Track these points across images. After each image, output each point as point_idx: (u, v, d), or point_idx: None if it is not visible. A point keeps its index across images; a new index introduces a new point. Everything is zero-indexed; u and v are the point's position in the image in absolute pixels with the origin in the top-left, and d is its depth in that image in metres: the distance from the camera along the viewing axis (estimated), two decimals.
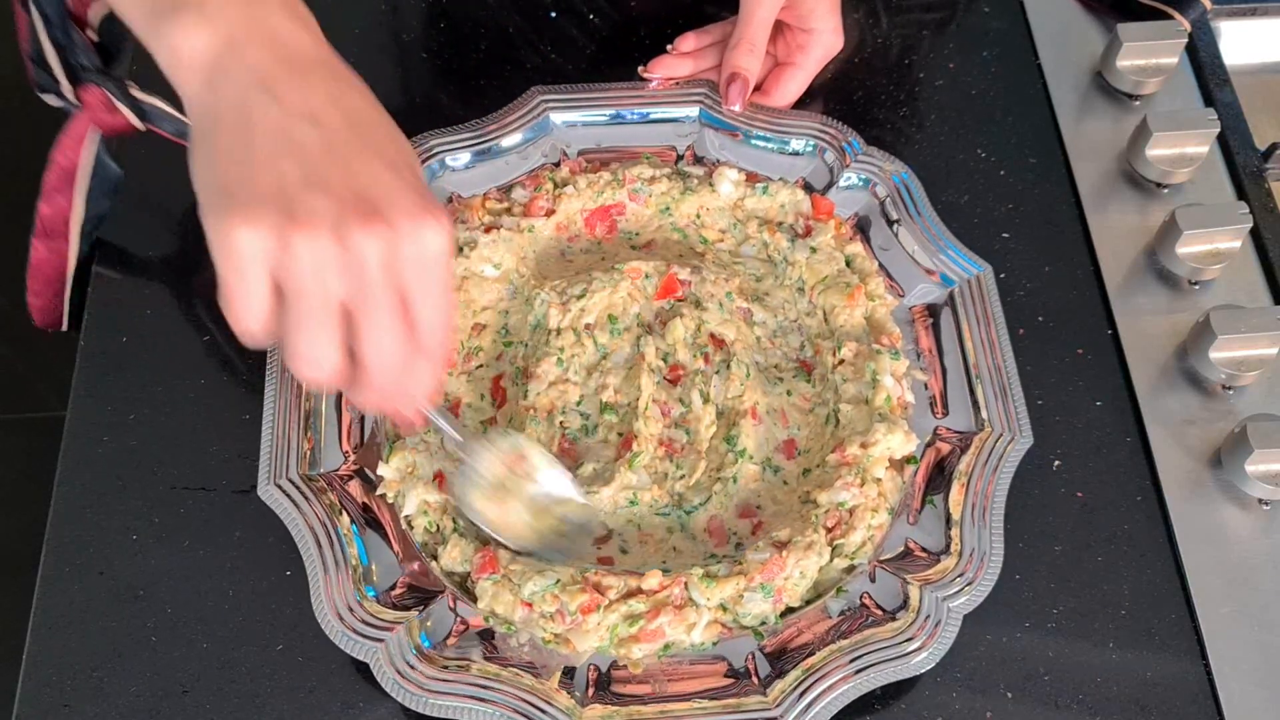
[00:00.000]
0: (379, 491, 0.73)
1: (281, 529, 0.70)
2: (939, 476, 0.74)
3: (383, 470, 0.73)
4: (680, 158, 0.88)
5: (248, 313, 0.53)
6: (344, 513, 0.71)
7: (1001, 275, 0.83)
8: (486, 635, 0.69)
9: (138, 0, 0.57)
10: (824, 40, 0.89)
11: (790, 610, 0.70)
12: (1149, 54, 0.92)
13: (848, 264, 0.83)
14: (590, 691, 0.67)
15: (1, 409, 1.70)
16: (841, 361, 0.78)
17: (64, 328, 0.90)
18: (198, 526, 0.74)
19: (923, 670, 0.67)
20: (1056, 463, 0.78)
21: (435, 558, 0.71)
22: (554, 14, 0.97)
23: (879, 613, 0.69)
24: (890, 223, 0.83)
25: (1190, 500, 0.76)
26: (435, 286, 0.55)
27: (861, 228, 0.84)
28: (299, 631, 0.70)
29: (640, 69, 0.90)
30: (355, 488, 0.73)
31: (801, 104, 0.91)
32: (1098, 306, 0.84)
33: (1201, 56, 0.95)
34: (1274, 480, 0.75)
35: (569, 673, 0.67)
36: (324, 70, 0.56)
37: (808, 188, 0.86)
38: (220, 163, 0.53)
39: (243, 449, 0.76)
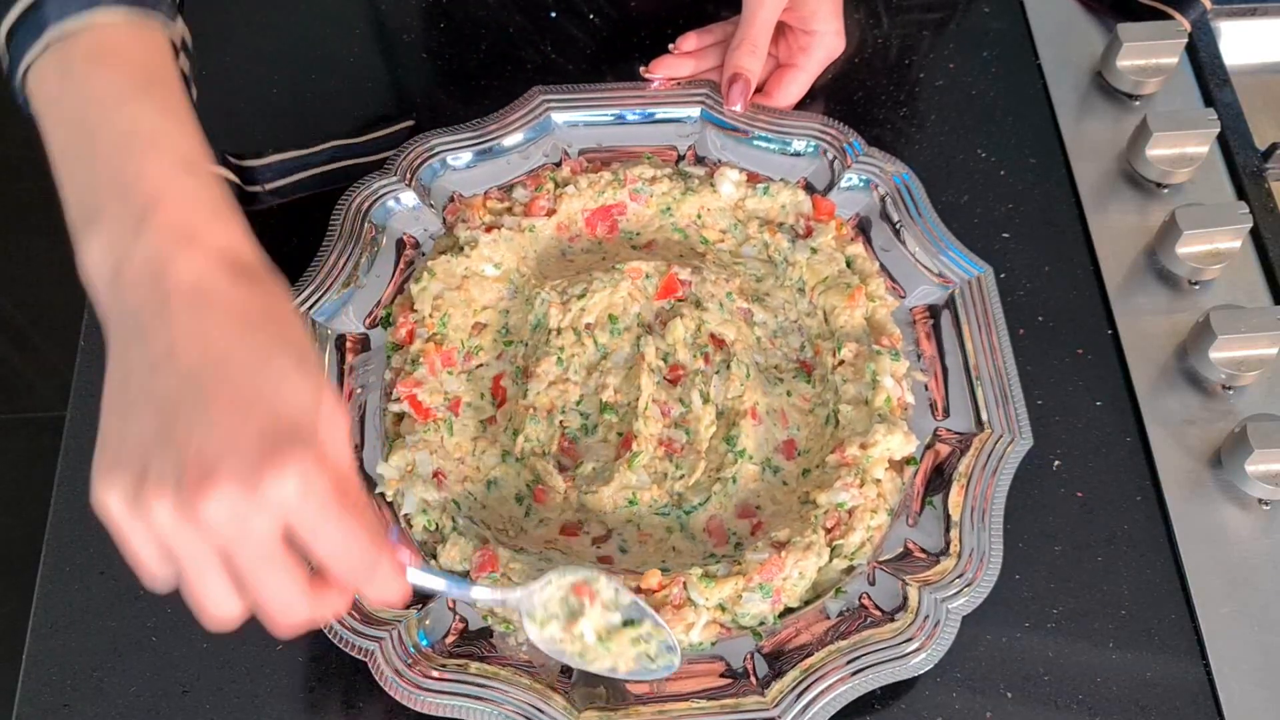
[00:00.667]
0: (378, 490, 0.73)
1: None
2: (938, 478, 0.74)
3: (382, 469, 0.73)
4: (681, 158, 0.88)
5: (148, 570, 0.52)
6: None
7: (1001, 275, 0.83)
8: (484, 634, 0.69)
9: (73, 198, 0.55)
10: (826, 42, 0.89)
11: (789, 611, 0.70)
12: (1149, 54, 0.92)
13: (848, 265, 0.83)
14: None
15: (1, 409, 1.70)
16: (841, 362, 0.78)
17: None
18: None
19: (921, 671, 0.67)
20: (1056, 463, 0.78)
21: (434, 556, 0.71)
22: (554, 14, 0.97)
23: (878, 613, 0.69)
24: (891, 224, 0.83)
25: (1190, 500, 0.76)
26: (316, 523, 0.51)
27: (863, 228, 0.84)
28: None
29: (642, 69, 0.90)
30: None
31: (803, 105, 0.91)
32: (1098, 306, 0.84)
33: (1201, 56, 0.95)
34: (1274, 480, 0.75)
35: (566, 672, 0.67)
36: (193, 298, 0.53)
37: (809, 188, 0.86)
38: (105, 405, 0.53)
39: None
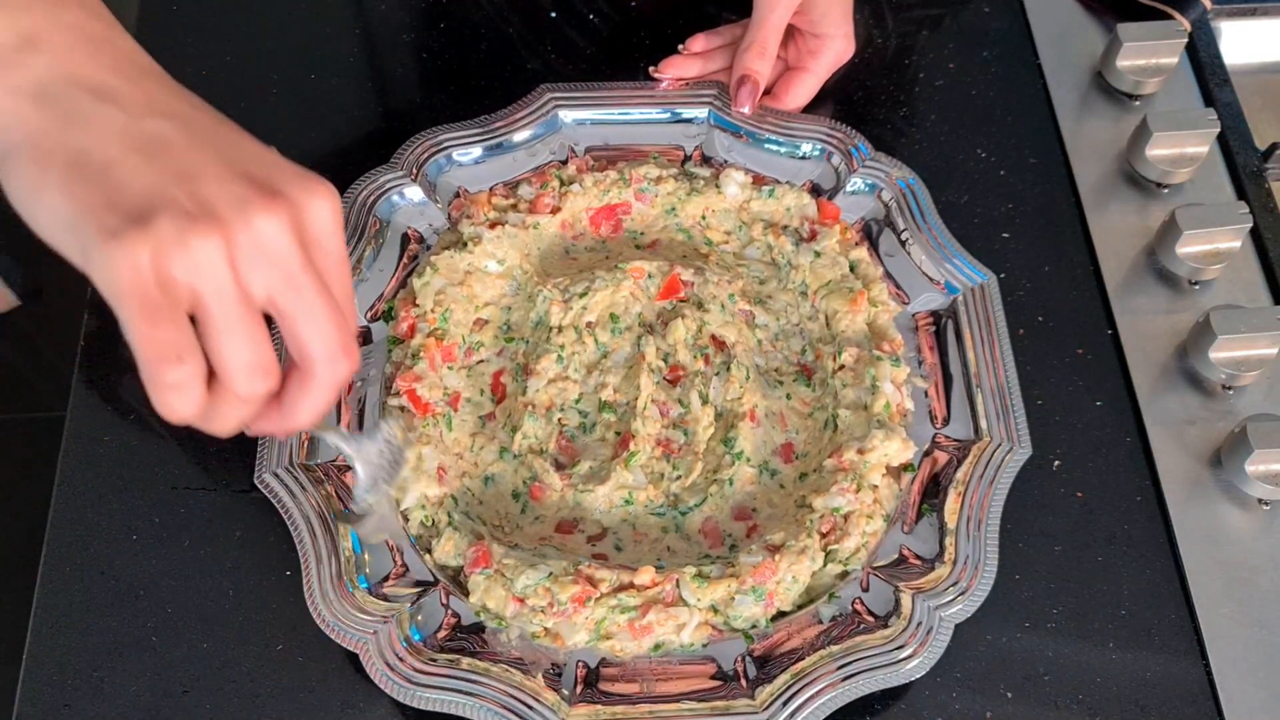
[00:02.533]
0: None
1: (282, 528, 0.70)
2: (936, 485, 0.74)
3: None
4: (688, 158, 0.88)
5: (172, 359, 0.45)
6: (340, 503, 0.71)
7: (1001, 275, 0.83)
8: (476, 629, 0.69)
9: None
10: (835, 46, 0.89)
11: (781, 614, 0.70)
12: (1149, 54, 0.92)
13: (851, 269, 0.82)
14: (578, 689, 0.67)
15: (1, 409, 1.70)
16: (842, 367, 0.78)
17: None
18: (198, 526, 0.74)
19: (912, 678, 0.67)
20: (1056, 463, 0.77)
21: (429, 551, 0.71)
22: (554, 15, 0.97)
23: (870, 619, 0.69)
24: (896, 229, 0.83)
25: (1190, 500, 0.76)
26: (341, 258, 0.50)
27: (867, 233, 0.84)
28: (299, 631, 0.70)
29: (650, 69, 0.90)
30: (352, 478, 0.73)
31: (810, 108, 0.90)
32: (1098, 306, 0.84)
33: (1201, 56, 0.95)
34: (1274, 480, 0.75)
35: (557, 670, 0.67)
36: (155, 73, 0.51)
37: (814, 191, 0.86)
38: (73, 188, 0.45)
39: (243, 448, 0.75)
